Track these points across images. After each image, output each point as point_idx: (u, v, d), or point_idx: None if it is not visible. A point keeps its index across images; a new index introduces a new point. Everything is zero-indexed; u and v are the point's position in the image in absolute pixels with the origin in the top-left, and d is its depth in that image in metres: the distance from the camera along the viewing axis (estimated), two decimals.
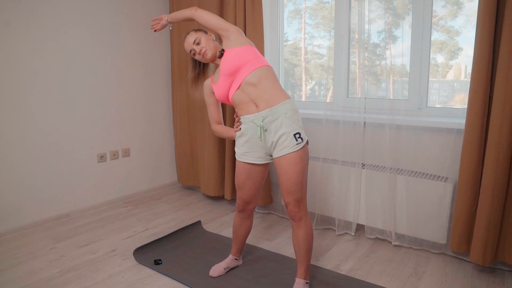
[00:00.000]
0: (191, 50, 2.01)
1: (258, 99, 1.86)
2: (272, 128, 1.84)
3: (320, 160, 2.75)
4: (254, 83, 1.85)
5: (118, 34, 3.22)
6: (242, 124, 1.94)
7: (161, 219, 3.01)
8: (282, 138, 1.82)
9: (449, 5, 2.44)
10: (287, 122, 1.82)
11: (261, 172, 2.00)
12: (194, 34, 2.02)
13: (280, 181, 1.87)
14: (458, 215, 2.17)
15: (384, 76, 2.64)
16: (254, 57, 1.89)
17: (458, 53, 2.50)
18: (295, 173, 1.82)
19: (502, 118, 1.94)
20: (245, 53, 1.88)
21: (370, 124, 2.61)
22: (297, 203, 1.86)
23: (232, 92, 1.92)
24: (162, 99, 3.67)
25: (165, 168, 3.79)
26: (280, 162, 1.84)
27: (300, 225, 1.89)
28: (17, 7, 2.60)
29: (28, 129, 2.74)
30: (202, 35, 2.01)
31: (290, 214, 1.90)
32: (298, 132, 1.83)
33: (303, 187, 1.86)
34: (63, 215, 2.99)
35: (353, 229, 2.68)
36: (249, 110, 1.89)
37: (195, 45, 1.99)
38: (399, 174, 2.45)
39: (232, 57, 1.89)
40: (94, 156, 3.16)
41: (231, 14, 2.95)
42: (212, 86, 2.04)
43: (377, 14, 2.58)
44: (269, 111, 1.83)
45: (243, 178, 1.99)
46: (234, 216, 2.17)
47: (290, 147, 1.81)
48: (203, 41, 1.99)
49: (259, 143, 1.90)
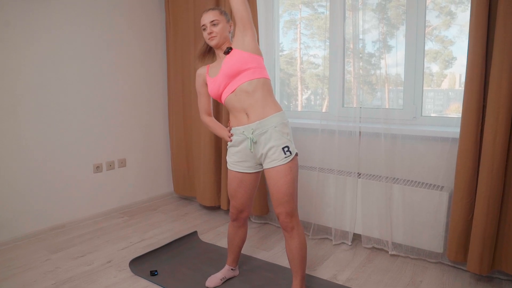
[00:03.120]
0: (204, 25, 1.94)
1: (249, 109, 1.85)
2: (261, 141, 1.84)
3: (316, 169, 2.75)
4: (249, 92, 1.85)
5: (115, 44, 3.24)
6: (234, 136, 1.95)
7: (157, 230, 2.99)
8: (271, 151, 1.83)
9: (443, 15, 2.46)
10: (276, 135, 1.82)
11: (253, 180, 1.99)
12: (217, 15, 1.94)
13: (271, 192, 1.87)
14: (455, 224, 2.17)
15: (379, 85, 2.65)
16: (257, 66, 1.87)
17: (452, 62, 2.52)
18: (285, 184, 1.82)
19: (496, 127, 1.95)
20: (250, 60, 1.86)
21: (365, 133, 2.62)
22: (288, 213, 1.85)
23: (226, 94, 1.91)
24: (158, 109, 3.67)
25: (161, 178, 3.78)
26: (270, 174, 1.85)
27: (292, 235, 1.88)
28: (12, 17, 2.61)
29: (23, 139, 2.73)
30: (223, 20, 1.94)
31: (282, 225, 1.89)
32: (286, 146, 1.82)
33: (293, 197, 1.86)
34: (58, 226, 2.97)
35: (350, 238, 2.68)
36: (240, 120, 1.89)
37: (211, 25, 1.92)
38: (395, 183, 2.45)
39: (236, 59, 1.86)
40: (90, 167, 3.15)
41: None
42: (207, 77, 2.01)
43: (372, 24, 2.60)
44: (259, 124, 1.83)
45: (235, 186, 1.99)
46: (228, 226, 2.16)
47: (278, 160, 1.81)
48: (219, 27, 1.92)
49: (249, 154, 1.91)
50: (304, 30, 3.12)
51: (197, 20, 3.22)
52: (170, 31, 3.50)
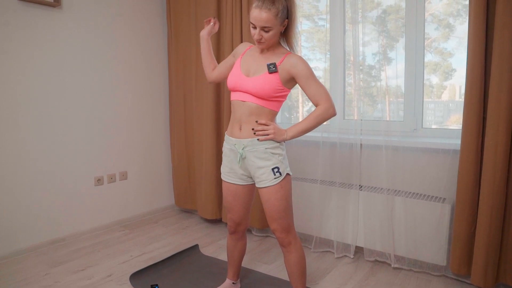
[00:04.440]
0: (253, 25, 1.70)
1: (245, 125, 1.82)
2: (251, 158, 1.82)
3: (318, 182, 2.74)
4: (253, 113, 1.80)
5: (115, 56, 3.26)
6: (225, 144, 1.94)
7: (158, 243, 2.98)
8: (261, 171, 1.81)
9: (441, 27, 2.48)
10: (266, 155, 1.80)
11: (247, 192, 1.97)
12: (272, 20, 1.66)
13: (264, 209, 1.86)
14: (457, 236, 2.15)
15: (380, 97, 2.66)
16: (278, 100, 1.81)
17: (452, 74, 2.53)
18: (277, 201, 1.80)
19: (497, 139, 1.94)
20: (279, 91, 1.77)
21: (366, 145, 2.61)
22: (284, 229, 1.84)
23: (235, 96, 1.86)
24: (159, 121, 3.68)
25: (163, 191, 3.77)
26: (261, 192, 1.84)
27: (290, 250, 1.86)
28: (13, 28, 2.64)
29: (23, 152, 2.74)
30: (277, 24, 1.70)
31: (278, 240, 1.88)
32: (276, 167, 1.79)
33: (287, 213, 1.83)
34: (58, 239, 2.95)
35: (352, 251, 2.65)
36: (233, 130, 1.87)
37: (261, 29, 1.69)
38: (396, 196, 2.44)
39: (270, 85, 1.74)
40: (91, 180, 3.15)
41: (228, 37, 2.99)
42: (239, 58, 1.91)
43: (372, 37, 2.62)
44: (250, 141, 1.81)
45: (230, 199, 1.98)
46: (227, 239, 2.15)
47: (268, 181, 1.80)
48: (271, 34, 1.70)
49: (237, 164, 1.89)
50: (305, 43, 3.14)
51: (199, 33, 3.24)
52: (171, 44, 3.52)
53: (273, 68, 1.74)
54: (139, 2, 3.42)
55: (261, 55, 1.84)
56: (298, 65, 1.75)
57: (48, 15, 2.79)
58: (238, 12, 2.91)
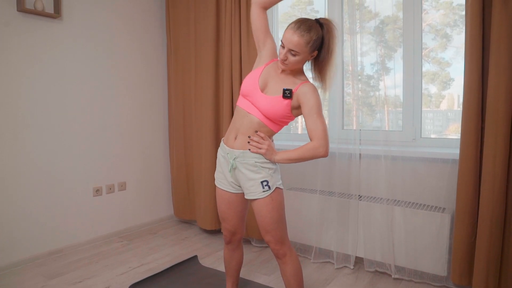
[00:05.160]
0: (282, 44, 1.70)
1: (241, 134, 1.81)
2: (241, 169, 1.82)
3: (317, 192, 2.73)
4: (254, 128, 1.79)
5: (115, 67, 3.27)
6: (220, 150, 1.93)
7: (156, 254, 2.95)
8: (250, 183, 1.81)
9: (439, 37, 2.50)
10: (256, 168, 1.80)
11: (240, 201, 1.96)
12: (302, 46, 1.66)
13: (257, 221, 1.86)
14: (458, 246, 2.14)
15: (378, 106, 2.67)
16: (282, 123, 1.82)
17: (450, 83, 2.54)
18: (268, 213, 1.79)
19: (495, 149, 1.95)
20: (285, 116, 1.77)
21: (365, 155, 2.61)
22: (278, 241, 1.83)
23: (242, 103, 1.83)
24: (159, 132, 3.68)
25: (162, 201, 3.76)
26: (253, 204, 1.84)
27: (285, 261, 1.85)
28: (13, 39, 2.65)
29: (22, 162, 2.73)
30: (305, 52, 1.69)
31: (273, 252, 1.87)
32: (265, 180, 1.78)
33: (279, 225, 1.83)
34: (56, 250, 2.93)
35: (352, 262, 2.63)
36: (229, 138, 1.87)
37: (289, 51, 1.68)
38: (396, 205, 2.43)
39: (280, 109, 1.74)
40: (89, 190, 3.14)
41: (226, 48, 3.01)
42: (265, 65, 1.86)
43: (370, 47, 2.64)
44: (242, 153, 1.81)
45: (224, 207, 1.97)
46: (224, 250, 2.13)
47: (256, 193, 1.80)
48: (296, 59, 1.70)
49: (230, 175, 1.89)
50: None
51: (198, 46, 3.28)
52: (171, 56, 3.54)
53: (288, 95, 1.73)
54: (139, 15, 3.44)
55: (282, 74, 1.82)
56: (308, 94, 1.73)
57: (49, 26, 2.81)
58: (237, 25, 2.93)
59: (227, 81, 3.02)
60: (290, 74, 1.81)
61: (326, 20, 1.73)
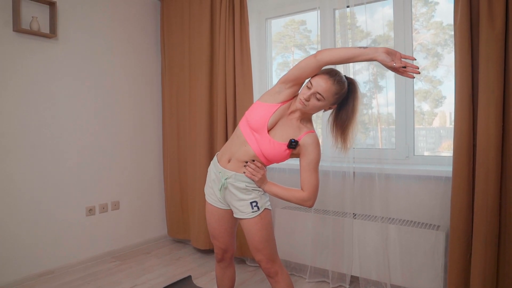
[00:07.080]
0: (310, 86, 1.70)
1: (235, 159, 1.84)
2: (231, 189, 1.85)
3: (312, 211, 2.72)
4: (248, 156, 1.81)
5: (109, 86, 3.28)
6: (212, 166, 1.94)
7: (150, 275, 2.91)
8: (240, 203, 1.84)
9: (430, 56, 2.54)
10: (245, 190, 1.83)
11: (230, 217, 1.96)
12: (330, 95, 1.68)
13: (247, 240, 1.87)
14: (453, 264, 2.12)
15: (372, 124, 2.68)
16: (277, 161, 1.85)
17: (442, 101, 2.56)
18: (258, 232, 1.81)
19: (487, 166, 1.96)
20: (282, 158, 1.82)
21: (359, 174, 2.61)
22: (269, 259, 1.84)
23: (244, 129, 1.83)
24: (152, 150, 3.68)
25: (155, 221, 3.72)
26: (242, 223, 1.87)
27: (277, 280, 1.85)
28: (8, 59, 2.66)
29: (14, 181, 2.70)
30: (329, 102, 1.71)
31: (265, 272, 1.87)
32: (255, 201, 1.82)
33: (269, 243, 1.84)
34: (47, 271, 2.88)
35: (348, 281, 2.60)
36: (223, 159, 1.89)
37: (314, 94, 1.68)
38: (390, 223, 2.42)
39: (280, 152, 1.79)
40: (82, 209, 3.11)
41: (221, 66, 3.03)
42: (281, 104, 1.81)
43: (362, 65, 2.67)
44: (234, 175, 1.83)
45: (214, 224, 1.97)
46: (215, 268, 2.12)
47: (246, 213, 1.83)
48: (318, 104, 1.70)
49: (219, 192, 1.91)
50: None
51: (192, 64, 3.30)
52: (165, 74, 3.56)
53: (293, 147, 1.77)
54: (134, 35, 3.48)
55: (291, 115, 1.82)
56: (311, 146, 1.78)
57: (44, 46, 2.83)
58: (231, 43, 2.96)
59: (221, 99, 3.03)
60: (299, 119, 1.82)
61: (353, 80, 1.79)
